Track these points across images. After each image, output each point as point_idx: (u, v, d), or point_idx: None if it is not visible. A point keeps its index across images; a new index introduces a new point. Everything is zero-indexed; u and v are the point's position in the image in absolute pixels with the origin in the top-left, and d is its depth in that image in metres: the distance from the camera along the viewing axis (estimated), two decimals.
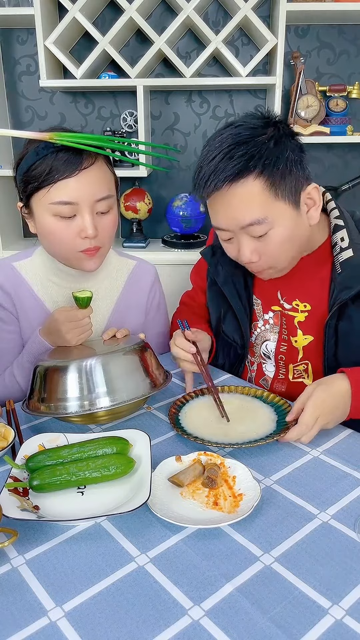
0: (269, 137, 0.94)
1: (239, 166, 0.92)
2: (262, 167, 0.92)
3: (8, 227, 2.41)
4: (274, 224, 0.96)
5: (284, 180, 0.94)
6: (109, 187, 1.05)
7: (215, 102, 2.45)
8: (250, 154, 0.92)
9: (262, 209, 0.94)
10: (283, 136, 0.96)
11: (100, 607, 0.60)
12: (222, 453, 0.88)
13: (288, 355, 1.15)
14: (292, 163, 0.95)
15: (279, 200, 0.95)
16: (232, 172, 0.92)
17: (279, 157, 0.93)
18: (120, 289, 1.23)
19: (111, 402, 0.91)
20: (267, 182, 0.93)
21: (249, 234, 0.98)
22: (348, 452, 0.88)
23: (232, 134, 0.95)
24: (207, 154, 0.96)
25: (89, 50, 2.19)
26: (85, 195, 1.00)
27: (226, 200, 0.95)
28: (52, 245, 1.07)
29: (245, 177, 0.93)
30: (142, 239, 2.46)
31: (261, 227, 0.96)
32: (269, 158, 0.92)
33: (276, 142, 0.94)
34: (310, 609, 0.59)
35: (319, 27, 2.32)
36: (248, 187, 0.93)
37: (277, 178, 0.93)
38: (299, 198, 0.98)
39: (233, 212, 0.96)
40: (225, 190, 0.94)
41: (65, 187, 0.99)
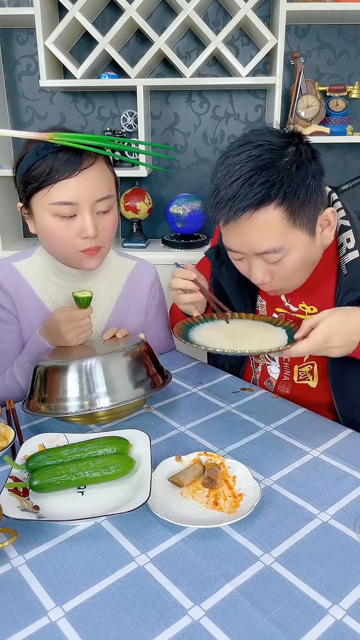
0: (291, 162, 0.90)
1: (260, 195, 0.88)
2: (283, 196, 0.89)
3: (8, 227, 2.41)
4: (290, 251, 0.94)
5: (304, 209, 0.92)
6: (109, 187, 1.05)
7: (215, 102, 2.45)
8: (272, 182, 0.89)
9: (279, 238, 0.93)
10: (305, 160, 0.92)
11: (100, 607, 0.60)
12: (222, 453, 0.88)
13: (293, 357, 1.15)
14: (312, 190, 0.92)
15: (297, 229, 0.93)
16: (253, 201, 0.89)
17: (300, 185, 0.90)
18: (120, 289, 1.23)
19: (111, 402, 0.92)
20: (286, 212, 0.90)
21: (263, 259, 0.97)
22: (348, 452, 0.88)
23: (253, 157, 0.90)
24: (226, 177, 0.92)
25: (89, 50, 2.19)
26: (86, 196, 1.00)
27: (244, 228, 0.93)
28: (52, 245, 1.07)
29: (266, 206, 0.90)
30: (142, 239, 2.46)
31: (276, 255, 0.94)
32: (290, 186, 0.89)
33: (298, 167, 0.91)
34: (310, 609, 0.59)
35: (319, 27, 2.32)
36: (268, 216, 0.91)
37: (296, 207, 0.91)
38: (315, 224, 0.96)
39: (249, 239, 0.94)
40: (243, 218, 0.91)
41: (65, 188, 0.99)
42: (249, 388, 1.11)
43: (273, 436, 0.93)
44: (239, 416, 1.00)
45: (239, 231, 0.94)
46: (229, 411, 1.02)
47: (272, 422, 0.98)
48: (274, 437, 0.93)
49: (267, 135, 0.94)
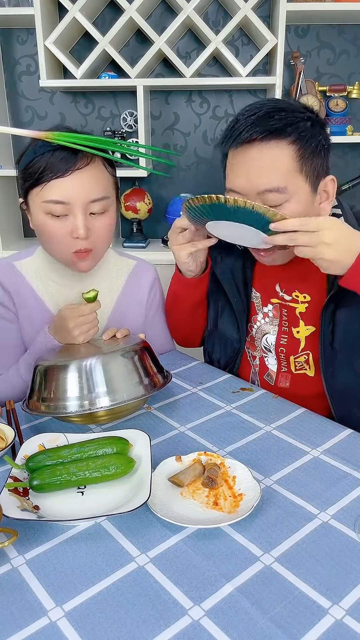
0: (307, 117, 0.96)
1: (278, 126, 0.93)
2: (297, 136, 0.94)
3: (8, 227, 2.41)
4: (291, 198, 0.95)
5: (312, 158, 0.95)
6: (105, 189, 1.05)
7: (215, 102, 2.45)
8: (290, 121, 0.94)
9: (285, 177, 0.94)
10: (318, 122, 0.98)
11: (100, 607, 0.60)
12: (222, 453, 0.88)
13: (288, 348, 1.15)
14: (322, 148, 0.97)
15: (302, 176, 0.95)
16: (270, 129, 0.93)
17: (313, 136, 0.95)
18: (120, 289, 1.23)
19: (111, 402, 0.92)
20: (297, 153, 0.94)
21: (263, 200, 0.96)
22: (348, 452, 0.88)
23: (275, 100, 0.98)
24: (246, 111, 0.97)
25: (89, 50, 2.19)
26: (78, 196, 1.00)
27: (252, 157, 0.95)
28: (46, 243, 1.08)
29: (281, 138, 0.94)
30: (142, 239, 2.46)
31: (278, 196, 0.95)
32: (304, 131, 0.94)
33: (312, 124, 0.96)
34: (310, 609, 0.59)
35: (319, 27, 2.32)
36: (280, 149, 0.94)
37: (306, 153, 0.94)
38: (318, 184, 0.98)
39: (255, 172, 0.95)
40: (256, 144, 0.94)
41: (58, 186, 0.99)
42: (248, 388, 1.11)
43: (273, 436, 0.93)
44: (239, 416, 1.00)
45: (248, 160, 0.96)
46: (229, 411, 1.02)
47: (272, 422, 0.98)
48: (274, 437, 0.93)
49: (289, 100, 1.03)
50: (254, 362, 1.22)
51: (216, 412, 1.02)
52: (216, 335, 1.25)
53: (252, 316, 1.20)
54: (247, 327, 1.21)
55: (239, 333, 1.20)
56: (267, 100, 1.01)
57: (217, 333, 1.25)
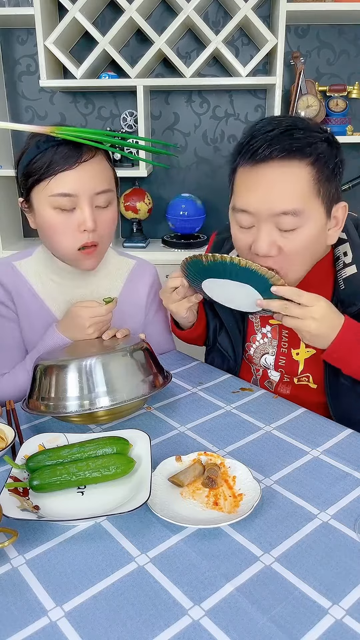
0: (324, 138, 0.92)
1: (298, 145, 0.88)
2: (316, 157, 0.89)
3: (8, 227, 2.41)
4: (305, 222, 0.91)
5: (329, 182, 0.92)
6: (109, 182, 1.07)
7: (215, 102, 2.45)
8: (309, 141, 0.89)
9: (303, 199, 0.89)
10: (334, 143, 0.94)
11: (100, 607, 0.60)
12: (222, 453, 0.88)
13: (287, 369, 1.15)
14: (338, 171, 0.94)
15: (319, 200, 0.91)
16: (290, 147, 0.88)
17: (331, 158, 0.92)
18: (120, 288, 1.23)
19: (111, 402, 0.91)
20: (316, 175, 0.89)
21: (277, 224, 0.91)
22: (348, 452, 0.88)
23: (290, 118, 0.93)
24: (262, 127, 0.91)
25: (89, 50, 2.19)
26: (85, 188, 1.02)
27: (271, 176, 0.89)
28: (52, 240, 1.07)
29: (300, 158, 0.89)
30: (142, 239, 2.46)
31: (293, 220, 0.90)
32: (323, 153, 0.90)
33: (329, 145, 0.93)
34: (310, 609, 0.59)
35: (319, 27, 2.32)
36: (299, 170, 0.89)
37: (324, 175, 0.90)
38: (331, 208, 0.95)
39: (272, 193, 0.90)
40: (275, 163, 0.89)
41: (65, 179, 1.00)
42: (248, 388, 1.11)
43: (273, 436, 0.93)
44: (239, 416, 1.00)
45: (262, 181, 0.90)
46: (229, 411, 1.02)
47: (272, 422, 0.98)
48: (274, 437, 0.93)
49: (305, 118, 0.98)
50: (256, 374, 1.23)
51: (216, 412, 1.02)
52: (216, 349, 1.25)
53: (251, 336, 1.20)
54: (245, 347, 1.21)
55: (234, 352, 1.21)
56: (283, 116, 0.96)
57: (217, 348, 1.25)
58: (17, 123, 1.09)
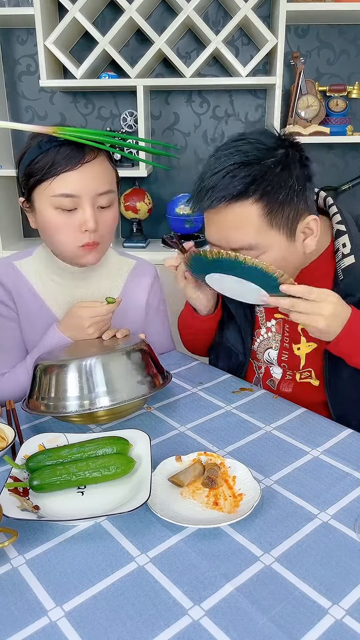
0: (277, 162, 0.91)
1: (239, 188, 0.90)
2: (261, 192, 0.90)
3: (8, 227, 2.41)
4: (265, 249, 0.94)
5: (282, 209, 0.92)
6: (110, 183, 1.07)
7: (215, 102, 2.45)
8: (253, 177, 0.90)
9: (254, 235, 0.93)
10: (291, 162, 0.93)
11: (100, 607, 0.60)
12: (222, 453, 0.88)
13: (290, 363, 1.15)
14: (294, 193, 0.92)
15: (273, 229, 0.93)
16: (230, 192, 0.90)
17: (282, 185, 0.91)
18: (120, 288, 1.23)
19: (111, 402, 0.92)
20: (264, 209, 0.91)
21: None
22: (348, 452, 0.88)
23: (241, 152, 0.92)
24: (211, 167, 0.93)
25: (89, 50, 2.19)
26: (87, 189, 1.02)
27: (220, 219, 0.94)
28: (53, 240, 1.08)
29: (243, 200, 0.91)
30: (142, 239, 2.46)
31: (251, 252, 0.94)
32: (270, 184, 0.90)
33: (282, 168, 0.91)
34: (310, 609, 0.59)
35: (319, 27, 2.32)
36: (244, 210, 0.91)
37: (275, 206, 0.91)
38: (295, 228, 0.95)
39: (225, 232, 0.95)
40: (221, 209, 0.93)
41: (67, 180, 1.00)
42: (248, 388, 1.11)
43: (273, 436, 0.93)
44: (239, 416, 1.00)
45: (216, 222, 0.96)
46: (229, 411, 1.02)
47: (272, 422, 0.98)
48: (274, 437, 0.93)
49: (261, 135, 0.96)
50: (259, 371, 1.23)
51: (216, 412, 1.02)
52: (221, 345, 1.25)
53: (256, 330, 1.20)
54: (252, 341, 1.21)
55: (244, 347, 1.21)
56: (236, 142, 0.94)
57: (222, 344, 1.25)
58: (17, 123, 1.08)
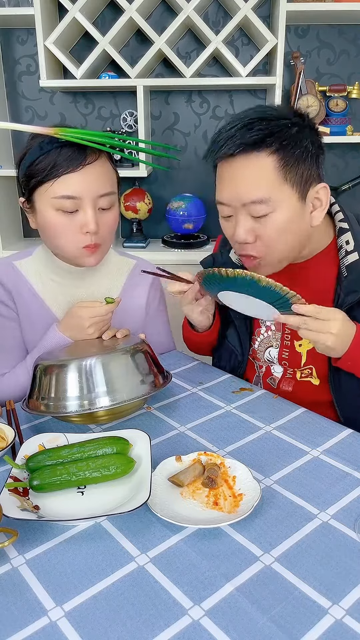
0: (293, 123, 0.94)
1: (256, 138, 0.91)
2: (278, 146, 0.92)
3: (8, 227, 2.41)
4: (276, 207, 0.94)
5: (297, 166, 0.93)
6: (112, 184, 1.07)
7: (215, 102, 2.45)
8: (271, 130, 0.92)
9: (268, 188, 0.93)
10: (307, 127, 0.96)
11: (100, 607, 0.60)
12: (222, 453, 0.88)
13: (291, 361, 1.15)
14: (308, 154, 0.95)
15: (287, 184, 0.94)
16: (248, 141, 0.92)
17: (297, 143, 0.93)
18: (120, 288, 1.23)
19: (111, 402, 0.92)
20: (279, 162, 0.92)
21: (249, 212, 0.96)
22: (348, 452, 0.88)
23: (259, 110, 0.95)
24: (228, 123, 0.96)
25: (89, 50, 2.19)
26: (88, 190, 1.02)
27: (235, 170, 0.95)
28: (53, 240, 1.08)
29: (260, 150, 0.92)
30: (142, 239, 2.46)
31: (262, 207, 0.94)
32: (287, 140, 0.92)
33: (299, 130, 0.94)
34: (310, 609, 0.59)
35: (319, 27, 2.32)
36: (260, 161, 0.92)
37: (290, 161, 0.93)
38: (306, 191, 0.96)
39: (239, 185, 0.95)
40: (237, 158, 0.94)
41: (69, 182, 1.00)
42: (248, 388, 1.11)
43: (273, 436, 0.93)
44: (239, 416, 1.00)
45: (230, 174, 0.96)
46: (229, 411, 1.02)
47: (272, 422, 0.98)
48: (274, 437, 0.93)
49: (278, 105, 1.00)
50: (260, 370, 1.23)
51: (216, 412, 1.02)
52: (223, 345, 1.25)
53: (256, 329, 1.20)
54: (250, 341, 1.21)
55: (241, 347, 1.21)
56: (254, 107, 0.98)
57: (224, 343, 1.25)
58: (18, 123, 1.08)
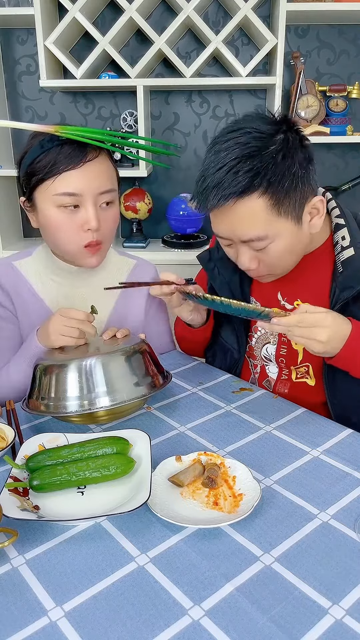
0: (277, 150, 0.91)
1: (244, 183, 0.90)
2: (267, 185, 0.90)
3: (8, 227, 2.41)
4: (275, 238, 0.96)
5: (289, 197, 0.92)
6: (112, 181, 1.07)
7: (215, 102, 2.45)
8: (256, 170, 0.89)
9: (263, 227, 0.94)
10: (292, 148, 0.93)
11: (100, 607, 0.60)
12: (222, 453, 0.88)
13: (288, 358, 1.16)
14: (298, 179, 0.93)
15: (281, 218, 0.94)
16: (236, 190, 0.90)
17: (285, 174, 0.91)
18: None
19: (111, 402, 0.91)
20: (270, 200, 0.91)
21: (249, 246, 0.98)
22: (348, 452, 0.88)
23: (240, 144, 0.91)
24: (212, 164, 0.93)
25: (89, 50, 2.19)
26: (89, 187, 1.02)
27: (228, 215, 0.95)
28: (55, 239, 1.07)
29: (250, 194, 0.91)
30: (142, 239, 2.46)
31: (261, 242, 0.96)
32: (275, 175, 0.90)
33: (284, 156, 0.91)
34: (310, 609, 0.59)
35: (319, 27, 2.32)
36: (251, 204, 0.92)
37: (281, 195, 0.91)
38: (302, 212, 0.96)
39: (235, 227, 0.96)
40: (228, 205, 0.93)
41: (69, 179, 1.01)
42: (248, 388, 1.11)
43: (273, 436, 0.93)
44: (239, 416, 1.00)
45: (225, 219, 0.96)
46: (229, 411, 1.02)
47: (272, 422, 0.98)
48: (274, 437, 0.93)
49: (257, 121, 0.95)
50: (254, 370, 1.23)
51: (216, 412, 1.02)
52: (217, 344, 1.25)
53: (253, 326, 1.21)
54: (247, 338, 1.21)
55: (238, 344, 1.21)
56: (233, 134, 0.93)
57: (218, 342, 1.25)
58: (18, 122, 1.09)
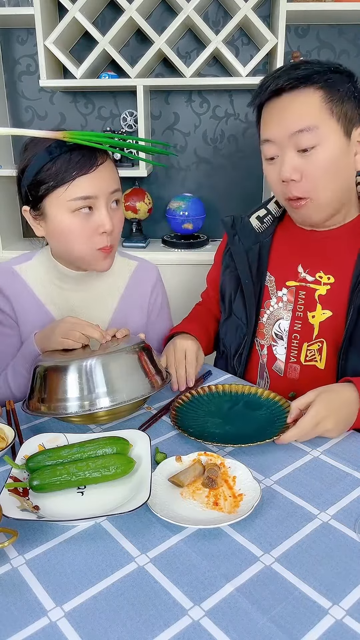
0: (333, 69, 1.01)
1: (304, 74, 0.99)
2: (323, 83, 0.99)
3: (8, 228, 2.41)
4: (322, 140, 0.99)
5: (342, 102, 0.99)
6: (117, 181, 1.09)
7: (215, 102, 2.45)
8: (316, 70, 0.99)
9: (315, 117, 0.99)
10: (345, 73, 1.02)
11: (100, 607, 0.60)
12: (222, 453, 0.88)
13: (302, 334, 1.14)
14: (352, 95, 1.00)
15: (333, 118, 0.99)
16: (295, 77, 0.99)
17: (341, 82, 1.00)
18: (122, 289, 1.23)
19: (111, 402, 0.91)
20: (325, 96, 0.99)
21: (296, 145, 1.01)
22: (348, 452, 0.88)
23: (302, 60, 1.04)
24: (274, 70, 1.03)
25: (89, 50, 2.19)
26: (101, 188, 1.03)
27: (282, 105, 1.01)
28: (68, 244, 1.07)
29: (307, 85, 0.99)
30: (142, 239, 2.46)
31: (310, 136, 0.99)
32: (332, 79, 0.99)
33: (341, 74, 1.01)
34: (310, 609, 0.59)
35: (319, 27, 2.32)
36: (307, 94, 0.99)
37: (335, 97, 0.99)
38: (351, 128, 1.01)
39: (287, 117, 1.00)
40: (284, 95, 1.00)
41: (84, 183, 1.02)
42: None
43: None
44: None
45: (278, 109, 1.02)
46: None
47: None
48: None
49: None
50: (261, 352, 1.21)
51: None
52: (230, 320, 1.25)
53: (265, 301, 1.19)
54: (259, 313, 1.20)
55: (247, 317, 1.20)
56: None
57: (231, 318, 1.25)
58: (15, 126, 1.08)
